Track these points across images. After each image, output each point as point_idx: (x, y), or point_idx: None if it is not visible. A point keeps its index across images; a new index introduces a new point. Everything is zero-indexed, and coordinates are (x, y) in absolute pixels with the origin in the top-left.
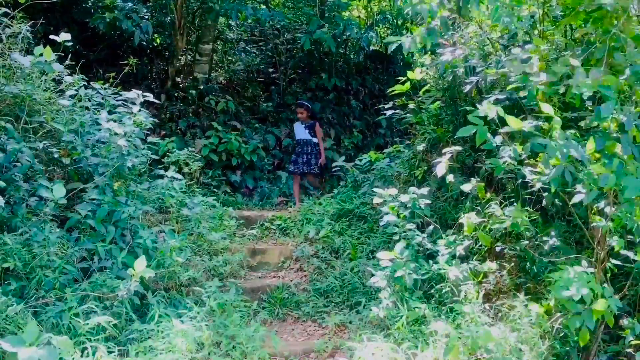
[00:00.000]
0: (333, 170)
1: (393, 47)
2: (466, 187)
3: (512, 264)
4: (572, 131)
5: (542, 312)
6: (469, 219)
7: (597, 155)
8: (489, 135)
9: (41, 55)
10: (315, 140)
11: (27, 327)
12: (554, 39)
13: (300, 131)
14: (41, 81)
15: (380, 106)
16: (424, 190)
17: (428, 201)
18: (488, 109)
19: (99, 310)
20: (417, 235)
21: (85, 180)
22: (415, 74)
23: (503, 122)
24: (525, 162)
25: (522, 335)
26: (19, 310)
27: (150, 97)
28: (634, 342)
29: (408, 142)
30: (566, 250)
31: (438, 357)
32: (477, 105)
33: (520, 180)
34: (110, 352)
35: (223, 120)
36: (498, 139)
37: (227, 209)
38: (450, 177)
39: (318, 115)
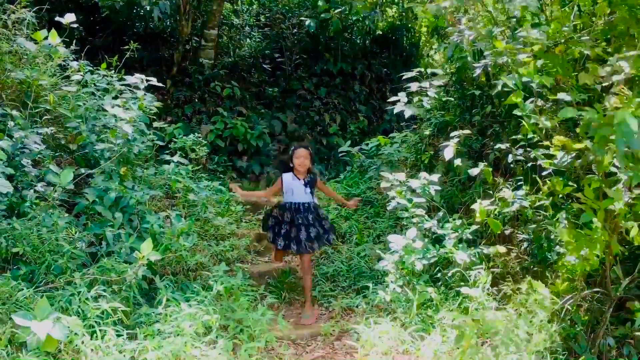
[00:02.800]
0: (339, 155)
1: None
2: (474, 171)
3: (521, 247)
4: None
5: (551, 295)
6: (481, 204)
7: None
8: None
9: (46, 38)
10: (315, 201)
11: (39, 303)
12: (564, 21)
13: (297, 190)
14: (47, 67)
15: (390, 101)
16: (434, 177)
17: (438, 187)
18: (532, 76)
19: (108, 294)
20: (426, 220)
21: (92, 165)
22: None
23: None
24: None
25: (531, 319)
26: (29, 294)
27: (154, 81)
28: None
29: (415, 127)
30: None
31: (445, 341)
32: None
33: (529, 164)
34: (119, 336)
35: (229, 106)
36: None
37: (233, 194)
38: (457, 161)
39: (324, 101)
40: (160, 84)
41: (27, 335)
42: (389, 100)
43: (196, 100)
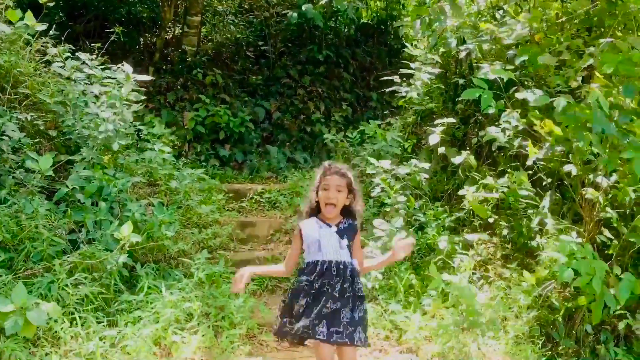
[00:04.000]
0: (323, 142)
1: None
2: (457, 159)
3: (503, 235)
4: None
5: (533, 282)
6: (468, 191)
7: None
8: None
9: (22, 19)
10: (355, 264)
11: (15, 289)
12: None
13: (327, 242)
14: (26, 52)
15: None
16: (425, 165)
17: (427, 175)
18: (497, 72)
19: (88, 281)
20: (409, 208)
21: (73, 152)
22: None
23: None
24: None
25: (510, 305)
26: (7, 281)
27: (143, 77)
28: (618, 312)
29: (399, 115)
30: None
31: (424, 328)
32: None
33: (511, 152)
34: (99, 322)
35: (212, 94)
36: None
37: (216, 182)
38: (441, 149)
39: (308, 89)
40: (146, 77)
41: (5, 321)
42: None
43: (179, 87)
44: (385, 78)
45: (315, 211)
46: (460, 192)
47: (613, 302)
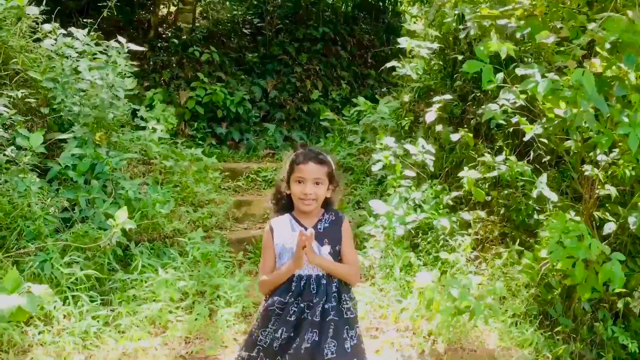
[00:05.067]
0: (321, 122)
1: None
2: (454, 137)
3: (501, 213)
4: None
5: (531, 260)
6: (468, 174)
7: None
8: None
9: None
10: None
11: (7, 274)
12: None
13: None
14: (17, 28)
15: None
16: (431, 147)
17: (433, 158)
18: (498, 46)
19: (81, 260)
20: (408, 186)
21: (66, 129)
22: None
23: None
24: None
25: (509, 283)
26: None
27: (133, 46)
28: (617, 290)
29: (397, 93)
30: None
31: (421, 307)
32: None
33: (509, 130)
34: (92, 301)
35: (208, 72)
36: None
37: (212, 161)
38: (438, 127)
39: (305, 67)
40: (139, 47)
41: None
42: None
43: (174, 65)
44: (384, 55)
45: (288, 205)
46: (461, 174)
47: (598, 285)
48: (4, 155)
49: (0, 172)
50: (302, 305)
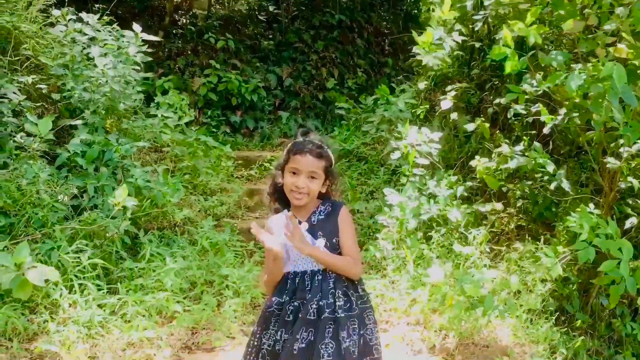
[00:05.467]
0: (336, 110)
1: None
2: (470, 127)
3: (516, 205)
4: None
5: (549, 255)
6: (479, 162)
7: None
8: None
9: None
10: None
11: (19, 246)
12: None
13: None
14: (28, 13)
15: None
16: (435, 135)
17: (438, 146)
18: (526, 32)
19: (89, 249)
20: (422, 177)
21: (77, 116)
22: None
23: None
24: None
25: (524, 278)
26: (3, 247)
27: (151, 37)
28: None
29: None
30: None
31: (433, 300)
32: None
33: (527, 120)
34: (99, 290)
35: (223, 59)
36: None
37: (224, 149)
38: (454, 116)
39: (321, 55)
40: (154, 37)
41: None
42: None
43: (189, 52)
44: (401, 43)
45: (284, 200)
46: (472, 163)
47: (633, 286)
48: (14, 141)
49: (10, 158)
50: (296, 303)
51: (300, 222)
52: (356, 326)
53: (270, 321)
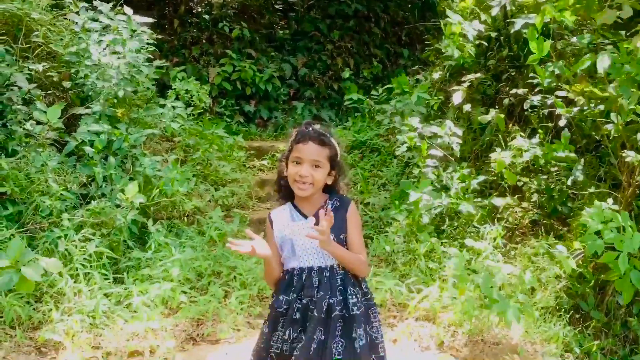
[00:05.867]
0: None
1: None
2: (485, 118)
3: (531, 200)
4: None
5: (565, 251)
6: (500, 155)
7: None
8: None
9: None
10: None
11: (11, 242)
12: None
13: (303, 243)
14: (40, 0)
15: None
16: (458, 130)
17: (460, 140)
18: (558, 16)
19: (96, 238)
20: (436, 170)
21: (88, 104)
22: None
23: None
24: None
25: (539, 275)
26: (10, 235)
27: (145, 19)
28: None
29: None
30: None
31: (444, 294)
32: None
33: (545, 112)
34: (106, 279)
35: (238, 48)
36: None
37: (236, 139)
38: (467, 107)
39: (337, 44)
40: (148, 18)
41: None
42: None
43: (204, 41)
44: (418, 32)
45: (289, 192)
46: (492, 156)
47: (639, 280)
48: (23, 129)
49: (20, 146)
50: (304, 301)
51: (306, 217)
52: (367, 324)
53: (278, 321)
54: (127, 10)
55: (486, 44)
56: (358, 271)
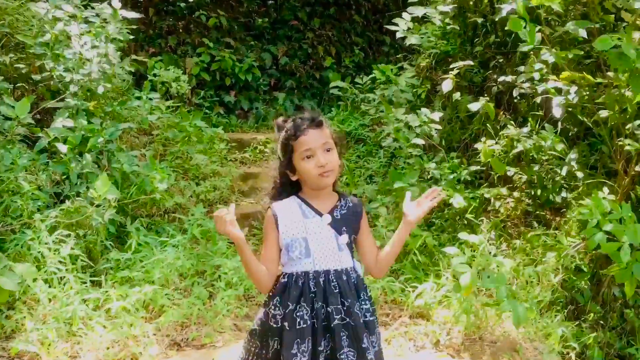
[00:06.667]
0: (331, 90)
1: None
2: (474, 107)
3: (523, 190)
4: None
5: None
6: (485, 144)
7: None
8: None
9: None
10: (358, 269)
11: None
12: None
13: (317, 240)
14: None
15: (389, 27)
16: (435, 115)
17: (439, 127)
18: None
19: (71, 239)
20: (422, 160)
21: (60, 98)
22: None
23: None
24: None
25: (535, 267)
26: None
27: (132, 14)
28: None
29: (413, 60)
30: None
31: (439, 290)
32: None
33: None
34: (82, 283)
35: (216, 37)
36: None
37: (217, 131)
38: (456, 96)
39: (317, 33)
40: (135, 14)
41: None
42: (389, 25)
43: (180, 30)
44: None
45: (290, 187)
46: (478, 146)
47: None
48: None
49: None
50: (329, 309)
51: (320, 215)
52: (375, 332)
53: (275, 335)
54: (115, 3)
55: (472, 31)
56: (387, 268)
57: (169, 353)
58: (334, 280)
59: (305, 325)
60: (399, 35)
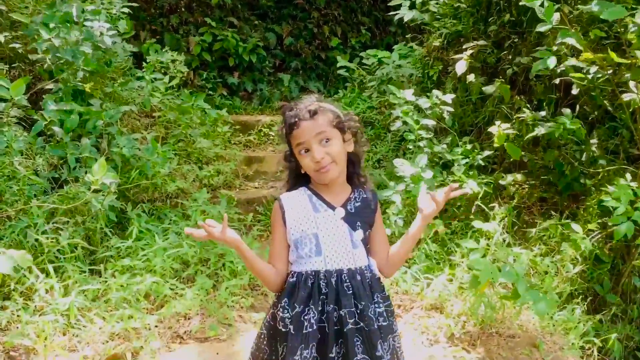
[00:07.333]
0: (337, 71)
1: None
2: (488, 89)
3: (540, 176)
4: None
5: (581, 233)
6: (499, 128)
7: None
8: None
9: None
10: (374, 268)
11: None
12: None
13: (329, 237)
14: None
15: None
16: (448, 97)
17: (450, 109)
18: None
19: (70, 226)
20: (433, 143)
21: (55, 80)
22: None
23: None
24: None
25: (552, 257)
26: None
27: None
28: None
29: (423, 40)
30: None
31: (452, 280)
32: None
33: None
34: (81, 272)
35: (219, 16)
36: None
37: (220, 113)
38: (470, 77)
39: (323, 12)
40: None
41: None
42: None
43: (182, 9)
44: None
45: (301, 176)
46: (491, 129)
47: None
48: None
49: None
50: (342, 312)
51: (333, 208)
52: (391, 337)
53: (284, 338)
54: None
55: (485, 10)
56: (400, 266)
57: (172, 346)
58: (347, 281)
59: (311, 330)
60: (398, 16)
